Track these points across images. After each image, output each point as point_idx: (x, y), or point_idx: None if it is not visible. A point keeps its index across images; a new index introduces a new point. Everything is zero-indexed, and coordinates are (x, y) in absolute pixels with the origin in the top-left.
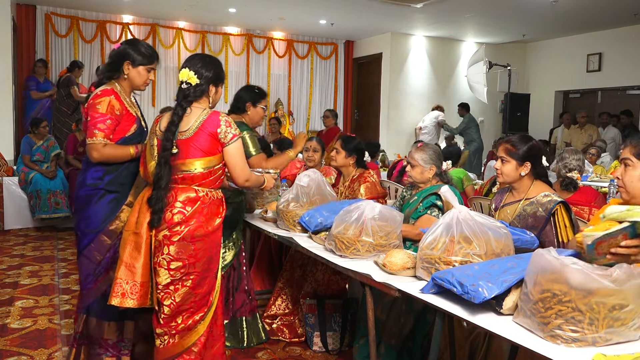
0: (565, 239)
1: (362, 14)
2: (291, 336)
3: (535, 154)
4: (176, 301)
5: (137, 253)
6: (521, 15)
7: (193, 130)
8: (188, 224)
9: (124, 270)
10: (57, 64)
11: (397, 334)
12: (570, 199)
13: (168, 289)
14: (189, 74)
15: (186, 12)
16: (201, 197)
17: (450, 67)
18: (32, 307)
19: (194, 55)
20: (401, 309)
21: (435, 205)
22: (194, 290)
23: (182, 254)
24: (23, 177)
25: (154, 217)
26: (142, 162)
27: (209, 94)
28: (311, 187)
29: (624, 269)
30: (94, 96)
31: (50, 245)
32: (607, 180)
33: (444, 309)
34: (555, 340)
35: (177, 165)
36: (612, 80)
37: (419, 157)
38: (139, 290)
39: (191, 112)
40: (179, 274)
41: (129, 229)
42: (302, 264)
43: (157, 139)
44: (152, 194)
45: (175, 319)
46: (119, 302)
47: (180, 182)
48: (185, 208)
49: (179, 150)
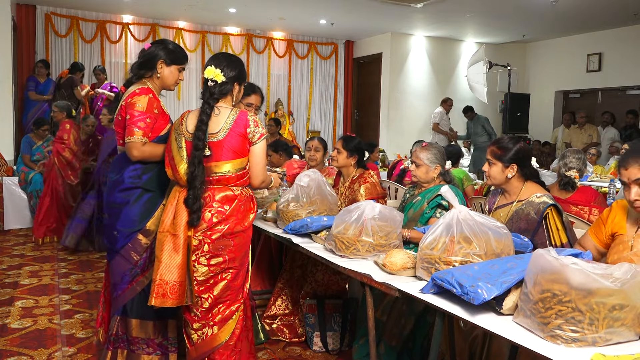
0: (558, 242)
1: (362, 14)
2: (291, 336)
3: (521, 156)
4: (214, 294)
5: (175, 253)
6: (521, 15)
7: (225, 131)
8: (227, 222)
9: (164, 271)
10: (57, 64)
11: (398, 335)
12: (570, 199)
13: (208, 283)
14: (215, 72)
15: (186, 12)
16: (237, 196)
17: (450, 67)
18: (32, 307)
19: (219, 54)
20: (401, 310)
21: (441, 205)
22: (232, 283)
23: (222, 250)
24: (23, 177)
25: (193, 216)
26: (169, 163)
27: (232, 92)
28: (311, 187)
29: (624, 269)
30: (132, 94)
31: (50, 245)
32: (607, 180)
33: (444, 309)
34: (555, 340)
35: (210, 167)
36: (612, 80)
37: (424, 157)
38: (177, 289)
39: (219, 113)
40: (219, 269)
41: (165, 230)
42: (302, 264)
43: (186, 140)
44: (188, 194)
45: (212, 311)
46: (161, 303)
47: (216, 183)
48: (223, 207)
49: (211, 152)
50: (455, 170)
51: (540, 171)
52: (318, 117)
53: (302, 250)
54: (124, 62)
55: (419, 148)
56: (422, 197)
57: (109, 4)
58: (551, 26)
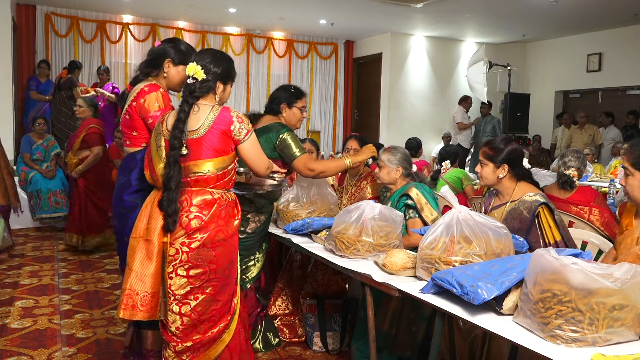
0: (552, 240)
1: (362, 14)
2: (291, 336)
3: (513, 156)
4: (197, 310)
5: (148, 261)
6: (521, 15)
7: (205, 128)
8: (207, 229)
9: (135, 280)
10: (57, 64)
11: (412, 344)
12: (570, 199)
13: (187, 298)
14: (196, 69)
15: (186, 12)
16: (217, 200)
17: (450, 67)
18: (32, 307)
19: (205, 50)
20: (410, 318)
21: (408, 205)
22: (216, 297)
23: (202, 261)
24: (23, 177)
25: (168, 220)
26: (148, 164)
27: (215, 90)
28: (311, 187)
29: (624, 269)
30: (141, 93)
31: (50, 245)
32: (607, 180)
33: (444, 309)
34: (555, 340)
35: (189, 167)
36: (612, 80)
37: (385, 158)
38: (149, 301)
39: (199, 110)
40: (199, 281)
41: (137, 235)
42: (302, 264)
43: (165, 139)
44: (162, 196)
45: (197, 330)
46: (130, 315)
47: (194, 185)
48: (202, 212)
49: (190, 150)
50: (455, 170)
51: (540, 171)
52: (318, 117)
53: (302, 250)
54: (124, 62)
55: (382, 150)
56: (392, 200)
57: (109, 4)
58: (551, 26)
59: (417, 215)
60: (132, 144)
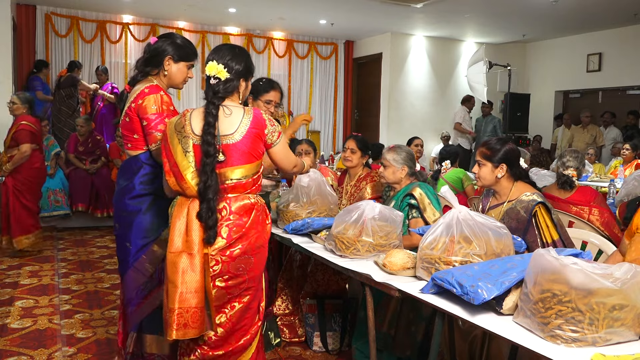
0: (549, 240)
1: (362, 14)
2: (291, 336)
3: (510, 156)
4: (232, 320)
5: (193, 275)
6: (521, 15)
7: (242, 132)
8: (248, 237)
9: (184, 297)
10: (57, 64)
11: (411, 344)
12: (570, 199)
13: (225, 307)
14: (218, 68)
15: (186, 12)
16: (255, 205)
17: (450, 67)
18: (32, 307)
19: (222, 46)
20: (409, 318)
21: (411, 205)
22: (250, 305)
23: (242, 269)
24: None
25: (210, 232)
26: (171, 170)
27: (239, 89)
28: (311, 187)
29: (624, 269)
30: (141, 95)
31: (50, 245)
32: (607, 180)
33: (444, 309)
34: (555, 340)
35: (224, 173)
36: (612, 80)
37: (391, 158)
38: (199, 316)
39: (232, 113)
40: (238, 290)
41: (176, 250)
42: (302, 264)
43: (194, 143)
44: (201, 207)
45: (229, 340)
46: (183, 335)
47: (231, 191)
48: (241, 219)
49: (225, 156)
50: (455, 170)
51: (540, 171)
52: (318, 117)
53: (302, 250)
54: (124, 62)
55: (386, 149)
56: (396, 200)
57: (109, 4)
58: (551, 26)
59: (419, 216)
60: (133, 147)
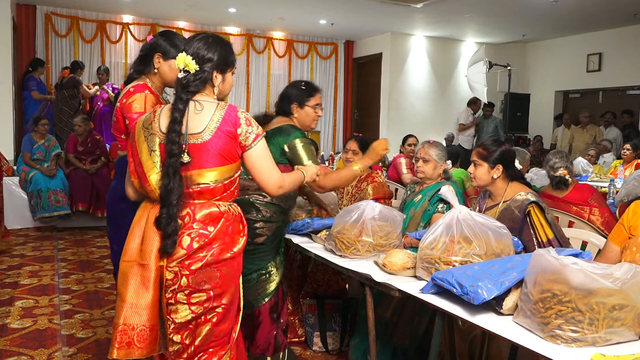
0: (544, 239)
1: (362, 14)
2: (291, 336)
3: (506, 157)
4: (196, 342)
5: (144, 290)
6: (521, 15)
7: (211, 131)
8: (211, 247)
9: (129, 313)
10: (57, 64)
11: (411, 334)
12: (567, 197)
13: (188, 326)
14: (186, 60)
15: (186, 12)
16: (224, 214)
17: (450, 67)
18: (32, 307)
19: (194, 36)
20: (414, 308)
21: (443, 200)
22: (217, 327)
23: (205, 284)
24: (23, 177)
25: (167, 242)
26: (135, 170)
27: (213, 82)
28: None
29: (624, 269)
30: (126, 94)
31: (50, 245)
32: (607, 180)
33: (444, 309)
34: (555, 340)
35: (191, 176)
36: (612, 80)
37: (434, 153)
38: (147, 335)
39: (203, 109)
40: (202, 308)
41: (129, 259)
42: (302, 264)
43: (160, 142)
44: (161, 213)
45: None
46: (125, 355)
47: (197, 197)
48: (206, 228)
49: (192, 157)
50: (456, 170)
51: (540, 171)
52: None
53: (302, 250)
54: (124, 62)
55: (427, 144)
56: (424, 194)
57: (109, 4)
58: (551, 26)
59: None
60: (123, 147)
